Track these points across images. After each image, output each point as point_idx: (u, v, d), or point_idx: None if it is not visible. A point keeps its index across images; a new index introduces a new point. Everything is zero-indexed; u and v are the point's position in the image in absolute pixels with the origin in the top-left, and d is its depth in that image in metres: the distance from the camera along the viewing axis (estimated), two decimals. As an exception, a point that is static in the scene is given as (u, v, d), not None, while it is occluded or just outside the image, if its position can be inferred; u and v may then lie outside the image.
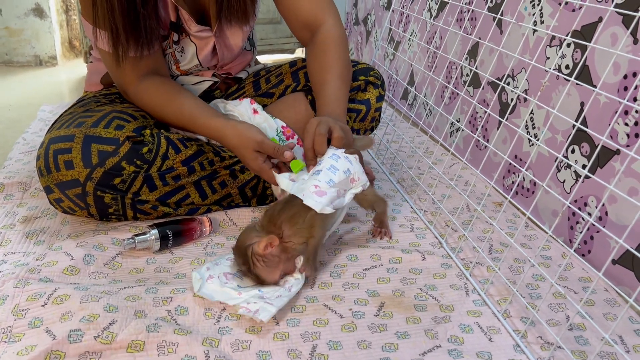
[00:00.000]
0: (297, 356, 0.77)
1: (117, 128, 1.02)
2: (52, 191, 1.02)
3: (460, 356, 0.78)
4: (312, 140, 0.96)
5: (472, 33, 1.50)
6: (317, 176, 0.92)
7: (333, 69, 1.11)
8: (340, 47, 1.14)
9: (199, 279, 0.88)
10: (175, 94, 1.09)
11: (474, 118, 1.52)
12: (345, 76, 1.12)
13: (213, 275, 0.90)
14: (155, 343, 0.77)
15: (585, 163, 1.06)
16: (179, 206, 1.12)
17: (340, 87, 1.09)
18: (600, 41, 1.02)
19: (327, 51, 1.13)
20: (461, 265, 1.01)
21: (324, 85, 1.09)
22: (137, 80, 1.10)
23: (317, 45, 1.15)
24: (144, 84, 1.10)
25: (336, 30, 1.15)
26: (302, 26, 1.18)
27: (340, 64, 1.12)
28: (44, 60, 2.76)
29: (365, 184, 0.98)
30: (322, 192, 0.90)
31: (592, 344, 0.82)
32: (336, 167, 0.93)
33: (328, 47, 1.13)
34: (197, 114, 1.06)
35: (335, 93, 1.09)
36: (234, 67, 1.30)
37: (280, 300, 0.86)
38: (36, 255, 0.97)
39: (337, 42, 1.14)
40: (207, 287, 0.87)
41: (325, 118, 0.99)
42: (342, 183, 0.94)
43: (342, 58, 1.13)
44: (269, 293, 0.88)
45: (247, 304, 0.84)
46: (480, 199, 1.27)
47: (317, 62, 1.13)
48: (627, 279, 0.96)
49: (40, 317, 0.80)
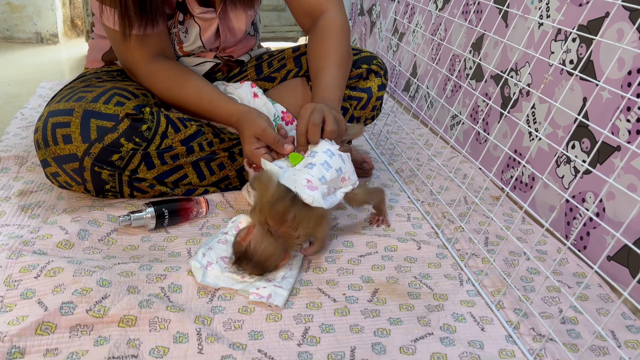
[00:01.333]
0: (289, 337, 0.77)
1: (117, 104, 1.02)
2: (49, 165, 1.01)
3: (452, 344, 0.78)
4: (306, 127, 0.96)
5: (477, 25, 1.49)
6: (310, 170, 0.92)
7: (331, 57, 1.10)
8: (341, 36, 1.13)
9: (200, 268, 0.87)
10: (190, 78, 1.11)
11: (475, 111, 1.51)
12: (344, 65, 1.12)
13: (211, 261, 0.89)
14: (147, 319, 0.76)
15: (585, 159, 1.06)
16: (176, 186, 1.11)
17: (337, 75, 1.09)
18: (606, 36, 1.01)
19: (326, 38, 1.13)
20: (456, 255, 1.01)
21: (321, 72, 1.09)
22: (145, 60, 1.10)
23: (318, 32, 1.14)
24: (154, 66, 1.10)
25: (338, 18, 1.15)
26: (305, 13, 1.18)
27: (339, 52, 1.11)
28: (45, 38, 2.74)
29: (355, 183, 0.99)
30: (313, 187, 0.89)
31: (584, 338, 0.82)
32: (330, 164, 0.94)
33: (328, 34, 1.13)
34: (216, 98, 1.09)
35: (332, 80, 1.08)
36: (237, 51, 1.29)
37: (287, 281, 0.86)
38: (31, 228, 0.96)
39: (338, 30, 1.14)
40: (209, 274, 0.87)
41: (320, 106, 0.98)
42: (333, 181, 0.94)
43: (342, 46, 1.13)
44: (273, 274, 0.88)
45: (256, 289, 0.84)
46: (478, 192, 1.27)
47: (316, 48, 1.13)
48: (621, 276, 0.96)
49: (33, 289, 0.79)
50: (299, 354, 0.74)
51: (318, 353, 0.75)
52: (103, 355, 0.70)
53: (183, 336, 0.74)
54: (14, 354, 0.69)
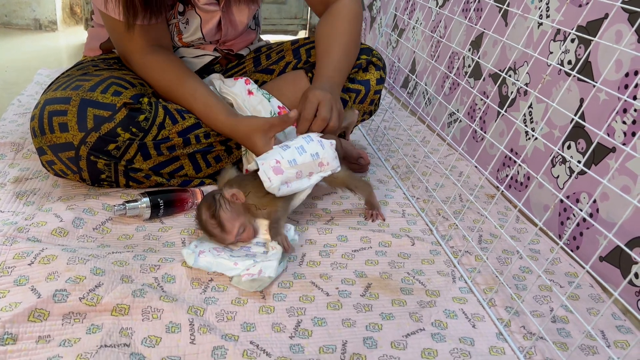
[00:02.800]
0: (281, 330, 0.77)
1: (114, 94, 1.01)
2: (44, 153, 1.01)
3: (443, 340, 0.78)
4: (313, 115, 1.00)
5: (477, 23, 1.49)
6: (282, 151, 0.96)
7: (339, 40, 1.11)
8: (352, 22, 1.14)
9: (191, 254, 0.87)
10: (186, 77, 1.10)
11: (472, 110, 1.51)
12: (351, 50, 1.13)
13: (204, 250, 0.89)
14: (140, 308, 0.77)
15: (581, 159, 1.06)
16: (172, 177, 1.11)
17: (342, 59, 1.10)
18: (604, 38, 1.01)
19: (337, 22, 1.13)
20: (450, 252, 1.02)
21: (328, 53, 1.10)
22: (141, 50, 1.09)
23: (329, 15, 1.15)
24: (151, 57, 1.10)
25: (352, 5, 1.15)
26: (320, 2, 1.18)
27: (348, 37, 1.12)
28: (44, 25, 2.73)
29: (335, 169, 1.02)
30: (279, 170, 0.95)
31: (574, 337, 0.82)
32: (305, 148, 0.98)
33: (339, 18, 1.13)
34: (211, 104, 1.08)
35: (337, 64, 1.09)
36: (237, 44, 1.28)
37: (274, 254, 0.88)
38: (25, 215, 0.96)
39: (350, 15, 1.14)
40: (201, 259, 0.87)
41: (329, 97, 1.00)
42: (307, 165, 0.98)
43: (352, 32, 1.13)
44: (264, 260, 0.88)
45: (247, 270, 0.84)
46: (473, 190, 1.28)
47: (325, 30, 1.14)
48: (613, 276, 0.97)
49: (26, 276, 0.79)
50: (291, 346, 0.75)
51: (310, 346, 0.75)
52: (95, 343, 0.70)
53: (175, 326, 0.75)
54: (6, 339, 0.69)
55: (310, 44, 1.27)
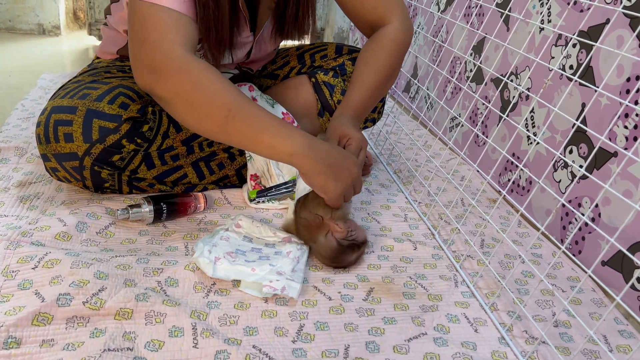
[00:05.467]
0: (283, 334, 0.78)
1: (121, 106, 1.00)
2: (48, 160, 1.01)
3: (445, 345, 0.78)
4: None
5: (478, 28, 1.50)
6: None
7: (376, 73, 1.05)
8: (394, 53, 1.06)
9: (209, 262, 0.86)
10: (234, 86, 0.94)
11: (474, 114, 1.52)
12: (386, 84, 1.08)
13: (219, 257, 0.89)
14: (143, 312, 0.77)
15: (582, 164, 1.06)
16: (176, 185, 1.11)
17: (373, 94, 1.05)
18: (606, 43, 1.02)
19: (378, 52, 1.06)
20: (452, 257, 1.02)
21: (360, 84, 1.05)
22: (182, 46, 0.89)
23: (374, 41, 1.08)
24: (192, 55, 0.90)
25: (399, 33, 1.06)
26: (367, 26, 1.11)
27: (385, 71, 1.06)
28: (47, 30, 2.74)
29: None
30: None
31: (577, 341, 0.82)
32: None
33: (381, 49, 1.06)
34: (275, 118, 0.92)
35: (366, 100, 1.05)
36: (257, 64, 1.27)
37: (298, 275, 0.88)
38: (29, 220, 0.97)
39: (393, 46, 1.06)
40: (218, 268, 0.87)
41: (363, 140, 0.98)
42: None
43: (391, 66, 1.07)
44: (282, 267, 0.88)
45: (269, 282, 0.84)
46: (475, 194, 1.28)
47: (364, 57, 1.07)
48: (615, 281, 0.97)
49: (30, 280, 0.80)
50: (293, 350, 0.75)
51: (312, 350, 0.75)
52: (99, 347, 0.71)
53: (178, 330, 0.75)
54: (10, 343, 0.69)
55: (315, 49, 1.27)
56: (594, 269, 1.00)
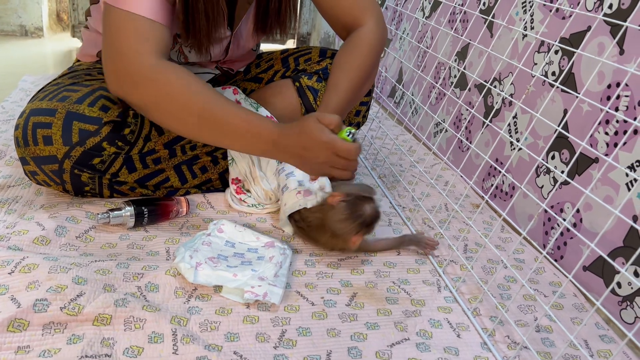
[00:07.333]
0: (265, 340, 0.77)
1: (102, 109, 0.98)
2: (27, 163, 0.99)
3: (428, 350, 0.78)
4: None
5: (463, 34, 1.51)
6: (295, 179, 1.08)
7: (351, 75, 1.04)
8: (368, 55, 1.06)
9: (190, 268, 0.86)
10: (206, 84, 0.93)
11: (458, 120, 1.53)
12: (362, 87, 1.08)
13: (200, 262, 0.88)
14: (122, 318, 0.76)
15: (564, 170, 1.07)
16: (158, 188, 1.10)
17: (350, 97, 1.04)
18: (587, 50, 1.03)
19: (353, 54, 1.06)
20: (435, 262, 1.02)
21: (336, 87, 1.04)
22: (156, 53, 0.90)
23: (348, 44, 1.07)
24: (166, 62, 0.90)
25: (373, 34, 1.06)
26: (342, 27, 1.10)
27: (360, 73, 1.05)
28: (30, 31, 2.71)
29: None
30: (307, 192, 1.03)
31: (558, 346, 0.83)
32: None
33: (356, 51, 1.06)
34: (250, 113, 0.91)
35: (343, 103, 1.03)
36: (238, 64, 1.27)
37: (280, 280, 0.87)
38: (6, 224, 0.95)
39: (367, 48, 1.06)
40: (200, 274, 0.86)
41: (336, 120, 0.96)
42: None
43: (365, 68, 1.06)
44: (264, 272, 0.88)
45: (251, 287, 0.83)
46: (458, 199, 1.28)
47: (340, 61, 1.07)
48: (596, 286, 0.97)
49: (6, 285, 0.78)
50: (275, 356, 0.74)
51: (294, 356, 0.74)
52: (76, 354, 0.69)
53: (158, 336, 0.74)
54: (-15, 350, 0.68)
55: (299, 52, 1.27)
56: (576, 274, 1.01)
